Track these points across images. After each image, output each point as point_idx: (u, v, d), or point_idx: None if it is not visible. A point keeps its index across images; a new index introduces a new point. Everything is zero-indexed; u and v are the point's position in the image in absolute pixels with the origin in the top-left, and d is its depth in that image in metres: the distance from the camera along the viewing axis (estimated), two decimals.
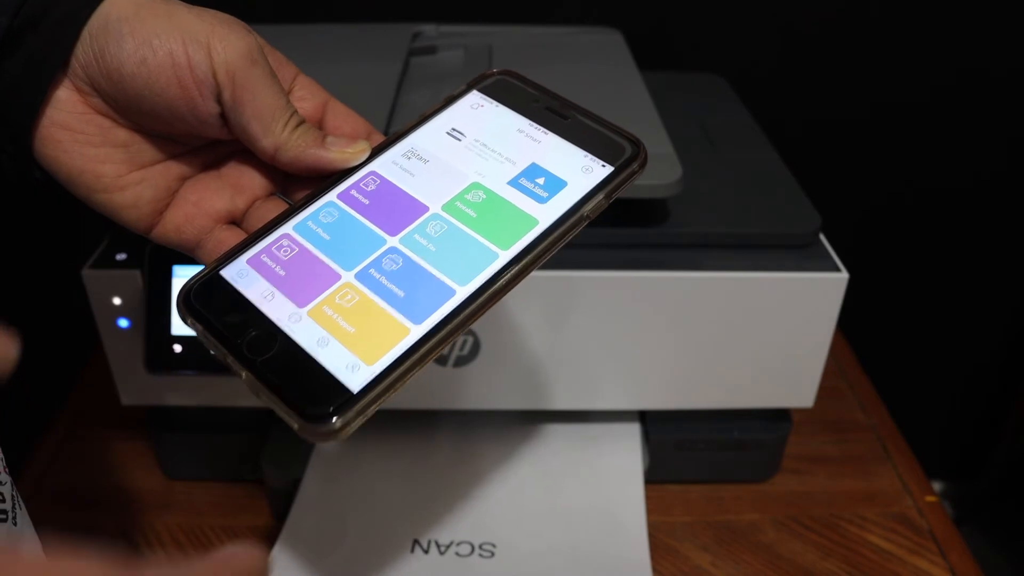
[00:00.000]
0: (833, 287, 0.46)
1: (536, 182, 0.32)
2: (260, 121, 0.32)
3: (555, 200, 0.32)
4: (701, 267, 0.46)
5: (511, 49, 0.62)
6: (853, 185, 0.88)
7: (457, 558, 0.47)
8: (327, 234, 0.32)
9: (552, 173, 0.33)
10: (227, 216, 0.34)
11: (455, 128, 0.35)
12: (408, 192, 0.33)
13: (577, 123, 0.34)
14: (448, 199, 0.32)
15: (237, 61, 0.31)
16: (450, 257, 0.30)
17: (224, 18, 0.32)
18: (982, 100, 0.84)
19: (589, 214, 0.32)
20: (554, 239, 0.31)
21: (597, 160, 0.33)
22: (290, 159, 0.32)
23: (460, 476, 0.52)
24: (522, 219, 0.31)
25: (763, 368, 0.49)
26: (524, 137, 0.34)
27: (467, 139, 0.34)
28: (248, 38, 0.32)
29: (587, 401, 0.51)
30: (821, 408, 0.52)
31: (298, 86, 0.35)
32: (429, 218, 0.32)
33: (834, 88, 0.83)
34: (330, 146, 0.33)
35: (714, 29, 0.80)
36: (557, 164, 0.33)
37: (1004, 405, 1.05)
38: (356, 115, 0.36)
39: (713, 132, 0.59)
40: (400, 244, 0.31)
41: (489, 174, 0.33)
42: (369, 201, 0.33)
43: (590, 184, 0.32)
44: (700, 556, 0.51)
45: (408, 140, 0.35)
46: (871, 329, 0.85)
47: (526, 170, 0.33)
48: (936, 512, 0.54)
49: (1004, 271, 0.95)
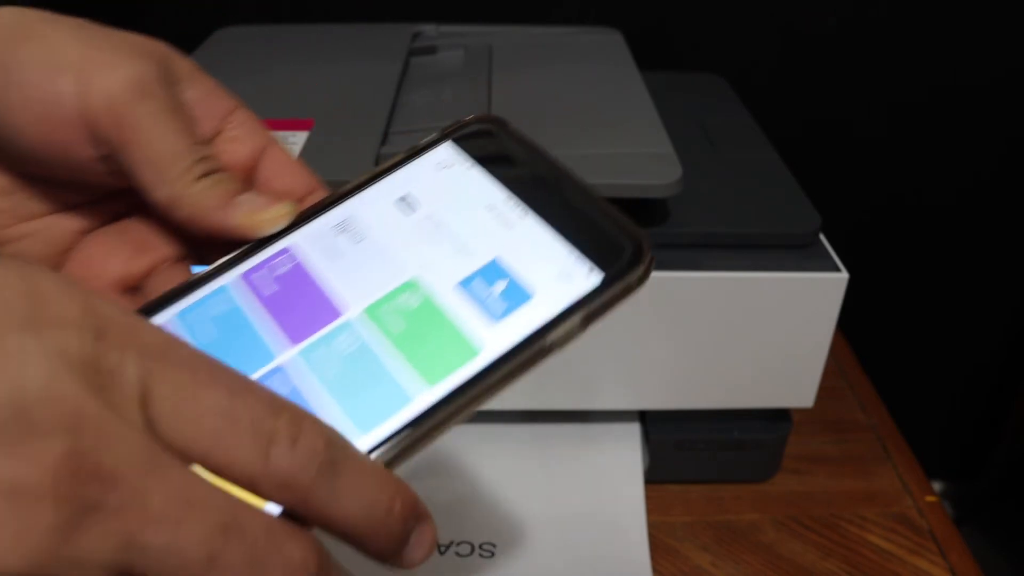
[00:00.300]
0: (833, 287, 0.46)
1: (493, 289, 0.24)
2: (152, 168, 0.25)
3: (512, 318, 0.24)
4: (701, 267, 0.46)
5: (511, 49, 0.62)
6: (853, 185, 0.88)
7: (457, 558, 0.47)
8: (213, 331, 0.24)
9: (517, 277, 0.24)
10: (121, 283, 0.28)
11: (409, 195, 0.27)
12: (323, 285, 0.25)
13: (569, 202, 0.26)
14: (372, 301, 0.25)
15: (121, 94, 0.25)
16: (354, 390, 0.23)
17: (116, 41, 0.26)
18: (982, 100, 0.84)
19: (556, 343, 0.24)
20: (501, 376, 0.23)
21: (584, 261, 0.24)
22: (186, 217, 0.26)
23: (460, 476, 0.52)
24: (460, 345, 0.23)
25: (763, 368, 0.49)
26: (494, 217, 0.26)
27: (419, 213, 0.26)
28: (141, 65, 0.25)
29: (587, 401, 0.51)
30: (821, 408, 0.52)
31: (233, 124, 0.29)
32: (340, 328, 0.24)
33: (834, 88, 0.83)
34: (238, 207, 0.26)
35: (714, 29, 0.80)
36: (528, 263, 0.25)
37: (1004, 405, 1.05)
38: (300, 165, 0.29)
39: (713, 132, 0.59)
40: (294, 361, 0.24)
41: (435, 269, 0.25)
42: (274, 290, 0.25)
43: (566, 299, 0.24)
44: (700, 556, 0.51)
45: (346, 207, 0.27)
46: (871, 329, 0.85)
47: (484, 268, 0.25)
48: (936, 512, 0.54)
49: (1004, 271, 0.95)
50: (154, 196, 0.25)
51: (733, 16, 0.79)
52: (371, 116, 0.51)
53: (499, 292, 0.24)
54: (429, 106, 0.54)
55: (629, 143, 0.48)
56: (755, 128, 0.60)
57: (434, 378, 0.23)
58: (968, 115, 0.84)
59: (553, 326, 0.23)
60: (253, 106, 0.54)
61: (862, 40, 0.80)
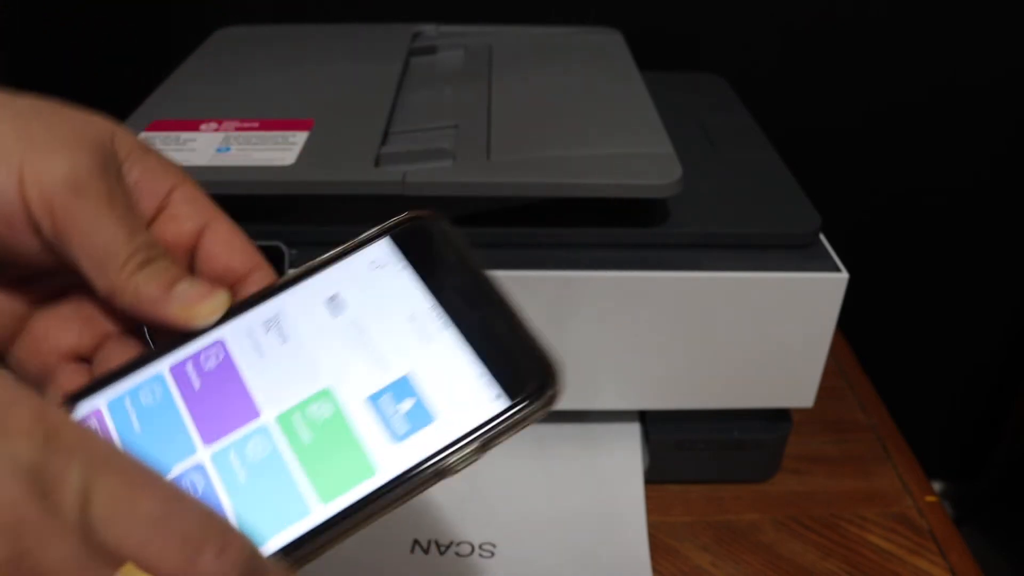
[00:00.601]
0: (833, 287, 0.46)
1: (399, 407, 0.24)
2: (90, 261, 0.26)
3: (412, 441, 0.24)
4: (701, 267, 0.46)
5: (511, 49, 0.62)
6: (853, 185, 0.88)
7: (457, 558, 0.47)
8: (139, 422, 0.25)
9: (424, 397, 0.25)
10: (73, 354, 0.28)
11: (338, 296, 0.27)
12: (247, 382, 0.25)
13: (490, 319, 0.26)
14: (287, 408, 0.25)
15: (56, 191, 0.25)
16: (257, 498, 0.23)
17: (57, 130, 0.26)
18: (982, 100, 0.84)
19: (452, 467, 0.24)
20: (393, 498, 0.24)
21: (493, 386, 0.25)
22: (126, 307, 0.26)
23: (460, 476, 0.52)
24: (359, 463, 0.24)
25: (763, 368, 0.49)
26: (415, 329, 0.26)
27: (345, 317, 0.26)
28: (78, 157, 0.25)
29: (587, 401, 0.51)
30: (821, 408, 0.52)
31: (176, 201, 0.28)
32: (254, 432, 0.24)
33: (834, 88, 0.83)
34: (173, 300, 0.26)
35: (714, 29, 0.80)
36: (438, 382, 0.25)
37: (1004, 405, 1.05)
38: (242, 239, 0.29)
39: (713, 132, 0.59)
40: (209, 461, 0.24)
41: (349, 380, 0.25)
42: (201, 384, 0.26)
43: (467, 425, 0.24)
44: (700, 556, 0.51)
45: (279, 301, 0.27)
46: (871, 329, 0.85)
47: (395, 384, 0.25)
48: (936, 512, 0.54)
49: (1004, 271, 0.95)
50: (95, 286, 0.26)
51: (733, 16, 0.79)
52: (371, 116, 0.51)
53: (404, 411, 0.24)
54: (429, 106, 0.54)
55: (629, 143, 0.48)
56: (755, 128, 0.60)
57: (329, 496, 0.24)
58: (968, 115, 0.84)
59: (450, 451, 0.24)
60: (253, 106, 0.54)
61: (863, 40, 0.80)
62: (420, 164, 0.46)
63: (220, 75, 0.58)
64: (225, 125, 0.49)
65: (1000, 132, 0.86)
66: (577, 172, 0.45)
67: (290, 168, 0.45)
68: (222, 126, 0.49)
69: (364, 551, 0.47)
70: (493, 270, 0.27)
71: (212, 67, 0.60)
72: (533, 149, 0.47)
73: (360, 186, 0.45)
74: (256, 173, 0.45)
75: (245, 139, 0.48)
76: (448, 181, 0.45)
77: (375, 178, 0.45)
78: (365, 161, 0.46)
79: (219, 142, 0.48)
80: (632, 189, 0.45)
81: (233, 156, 0.46)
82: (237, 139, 0.48)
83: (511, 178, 0.45)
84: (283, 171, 0.45)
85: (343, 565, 0.47)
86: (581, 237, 0.47)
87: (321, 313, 0.27)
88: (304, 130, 0.49)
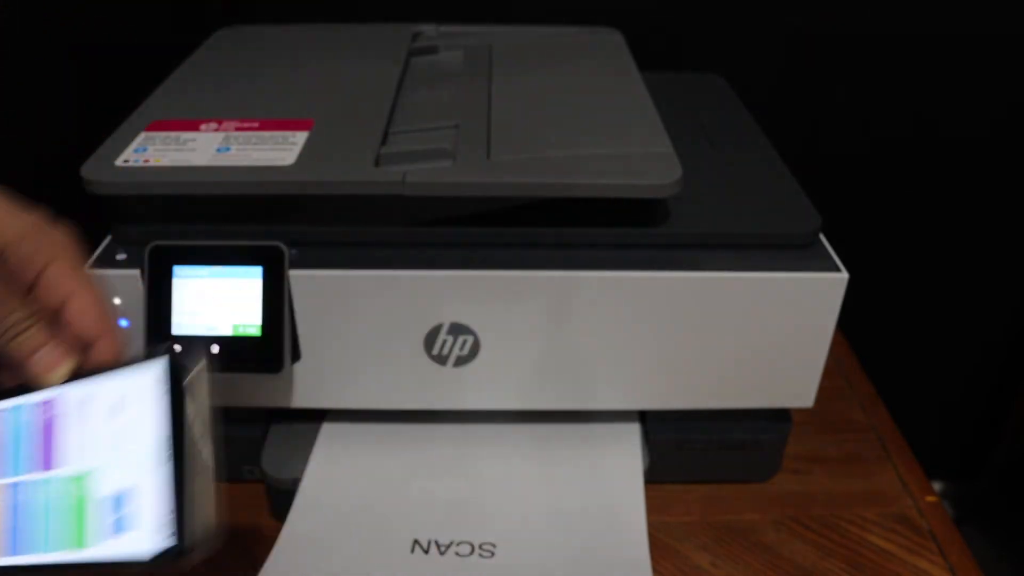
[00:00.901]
0: (833, 287, 0.46)
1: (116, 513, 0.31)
2: None
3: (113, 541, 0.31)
4: (701, 267, 0.46)
5: (511, 49, 0.62)
6: (853, 185, 0.88)
7: (457, 558, 0.47)
8: None
9: (126, 513, 0.31)
10: None
11: (125, 398, 0.33)
12: (54, 438, 0.33)
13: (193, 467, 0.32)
14: (63, 473, 0.32)
15: None
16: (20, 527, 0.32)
17: None
18: (982, 100, 0.84)
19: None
20: None
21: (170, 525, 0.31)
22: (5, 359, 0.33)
23: (460, 476, 0.52)
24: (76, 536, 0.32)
25: (763, 368, 0.49)
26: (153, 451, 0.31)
27: (122, 418, 0.32)
28: None
29: (587, 401, 0.51)
30: (821, 408, 0.52)
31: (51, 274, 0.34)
32: (42, 481, 0.33)
33: (834, 88, 0.83)
34: (34, 364, 0.33)
35: (714, 29, 0.80)
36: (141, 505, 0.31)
37: (1004, 405, 1.05)
38: (96, 310, 0.35)
39: (713, 132, 0.59)
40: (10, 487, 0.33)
41: (102, 474, 0.32)
42: (32, 426, 0.33)
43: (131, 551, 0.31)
44: (700, 556, 0.51)
45: (94, 382, 0.33)
46: (871, 329, 0.85)
47: (120, 493, 0.32)
48: (936, 512, 0.54)
49: (1004, 271, 0.95)
50: None
51: (734, 16, 0.79)
52: (371, 116, 0.51)
53: (113, 519, 0.31)
54: (429, 106, 0.54)
55: (629, 143, 0.48)
56: (755, 128, 0.60)
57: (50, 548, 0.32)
58: (968, 116, 0.84)
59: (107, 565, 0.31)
60: (253, 106, 0.54)
61: (862, 40, 0.80)
62: (420, 164, 0.46)
63: (220, 75, 0.58)
64: (225, 125, 0.49)
65: (1000, 133, 0.86)
66: (577, 172, 0.45)
67: (290, 168, 0.45)
68: (222, 126, 0.49)
69: (364, 551, 0.47)
70: None
71: (212, 67, 0.60)
72: (533, 149, 0.47)
73: (360, 186, 0.45)
74: (256, 173, 0.45)
75: (245, 139, 0.48)
76: (448, 181, 0.45)
77: (375, 178, 0.45)
78: (365, 161, 0.46)
79: (219, 142, 0.48)
80: (632, 189, 0.45)
81: (233, 156, 0.46)
82: (237, 139, 0.48)
83: (511, 178, 0.45)
84: (283, 171, 0.45)
85: (344, 565, 0.47)
86: (581, 237, 0.47)
87: (115, 406, 0.32)
88: (304, 130, 0.49)
